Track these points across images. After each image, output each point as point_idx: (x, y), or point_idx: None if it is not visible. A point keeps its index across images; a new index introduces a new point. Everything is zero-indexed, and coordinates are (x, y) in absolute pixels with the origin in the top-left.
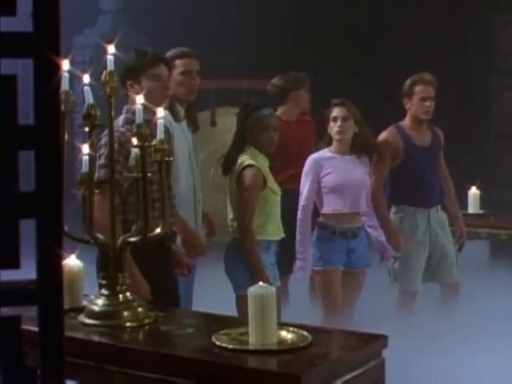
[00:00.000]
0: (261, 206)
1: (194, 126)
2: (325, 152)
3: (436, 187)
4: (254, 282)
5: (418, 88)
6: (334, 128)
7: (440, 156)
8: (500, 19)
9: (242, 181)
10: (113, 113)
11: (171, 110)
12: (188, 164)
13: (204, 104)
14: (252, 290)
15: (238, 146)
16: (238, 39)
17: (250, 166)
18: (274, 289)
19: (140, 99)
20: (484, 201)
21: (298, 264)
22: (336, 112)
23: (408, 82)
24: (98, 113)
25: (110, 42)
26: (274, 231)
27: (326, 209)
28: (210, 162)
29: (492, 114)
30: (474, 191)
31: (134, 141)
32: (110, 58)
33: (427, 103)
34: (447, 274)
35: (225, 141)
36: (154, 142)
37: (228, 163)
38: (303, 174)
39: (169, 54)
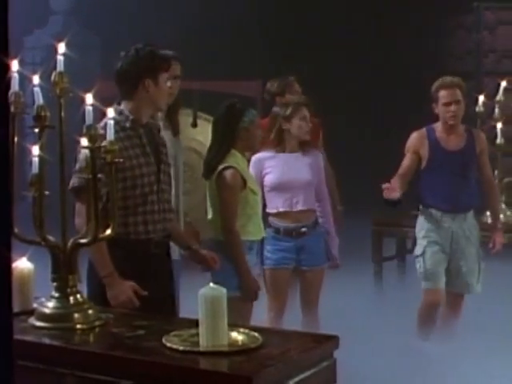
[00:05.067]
0: (242, 206)
1: (174, 129)
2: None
3: (466, 193)
4: (241, 284)
5: (441, 93)
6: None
7: (476, 160)
8: (452, 23)
9: (221, 183)
10: (63, 114)
11: None
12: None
13: None
14: (203, 292)
15: (225, 149)
16: (190, 40)
17: (227, 167)
18: (224, 290)
19: (89, 99)
20: None
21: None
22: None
23: (433, 87)
24: (48, 114)
25: (60, 42)
26: (256, 231)
27: (269, 208)
28: None
29: None
30: None
31: (84, 142)
32: (60, 58)
33: (452, 107)
34: (464, 284)
35: None
36: (104, 143)
37: (212, 167)
38: None
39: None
